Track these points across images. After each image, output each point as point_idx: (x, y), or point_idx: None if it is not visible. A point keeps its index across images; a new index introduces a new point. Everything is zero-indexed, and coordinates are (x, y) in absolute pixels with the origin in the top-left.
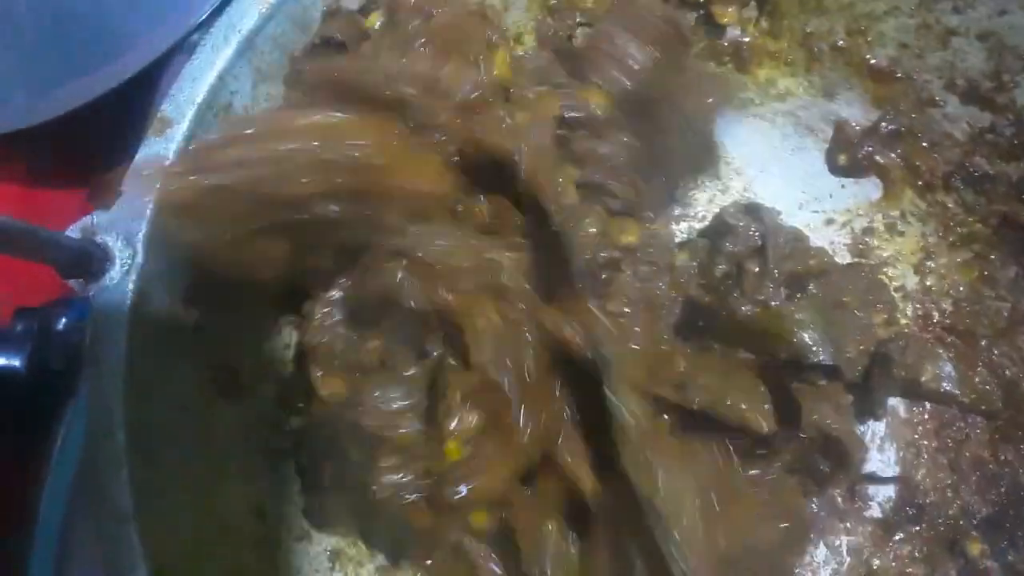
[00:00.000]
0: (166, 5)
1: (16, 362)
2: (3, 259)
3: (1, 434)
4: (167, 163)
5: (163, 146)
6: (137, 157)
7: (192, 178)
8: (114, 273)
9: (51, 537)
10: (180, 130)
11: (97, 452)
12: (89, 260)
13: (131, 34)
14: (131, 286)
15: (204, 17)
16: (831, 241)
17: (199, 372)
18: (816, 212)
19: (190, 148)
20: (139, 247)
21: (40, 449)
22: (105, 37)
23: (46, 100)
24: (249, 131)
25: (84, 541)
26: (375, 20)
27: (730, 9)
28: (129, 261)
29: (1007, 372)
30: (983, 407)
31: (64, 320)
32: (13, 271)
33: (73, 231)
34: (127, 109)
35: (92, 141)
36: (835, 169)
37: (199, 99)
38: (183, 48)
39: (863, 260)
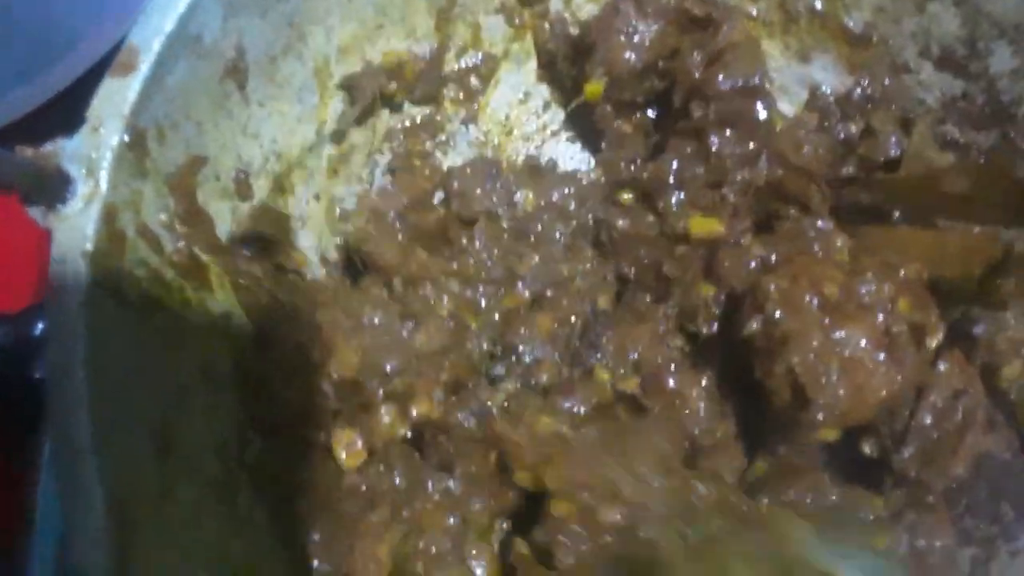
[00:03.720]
0: (104, 5)
1: None
2: None
3: None
4: None
5: (128, 80)
6: (103, 86)
7: None
8: (75, 203)
9: (49, 545)
10: (147, 60)
11: (56, 389)
12: (51, 187)
13: (74, 37)
14: (93, 218)
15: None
16: None
17: (167, 309)
18: None
19: None
20: (103, 177)
21: (27, 459)
22: (49, 42)
23: None
24: None
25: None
26: None
27: None
28: (92, 192)
29: None
30: None
31: (41, 326)
32: None
33: (36, 155)
34: (80, 112)
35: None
36: None
37: (168, 29)
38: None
39: None
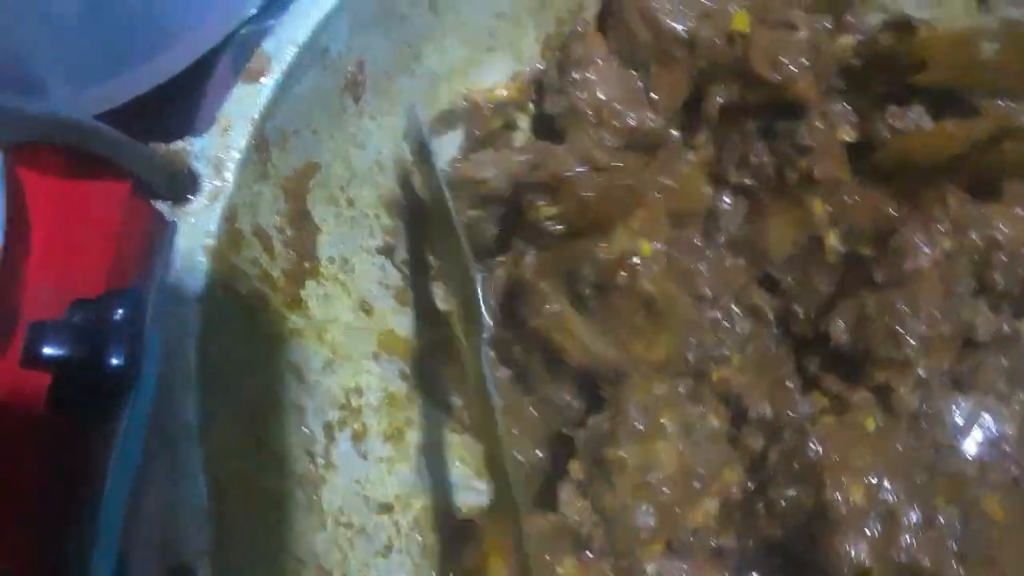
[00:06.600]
0: (210, 1)
1: (76, 354)
2: (49, 249)
3: (62, 429)
4: None
5: (259, 86)
6: (234, 90)
7: None
8: (201, 200)
9: (116, 523)
10: (279, 68)
11: (170, 369)
12: (180, 183)
13: (177, 29)
14: (217, 216)
15: (253, 12)
16: None
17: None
18: None
19: None
20: (229, 178)
21: (98, 445)
22: (150, 31)
23: (88, 95)
24: None
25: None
26: None
27: None
28: (217, 190)
29: None
30: None
31: (120, 311)
32: (58, 262)
33: (168, 152)
34: (171, 105)
35: (136, 135)
36: None
37: (301, 40)
38: (231, 44)
39: None
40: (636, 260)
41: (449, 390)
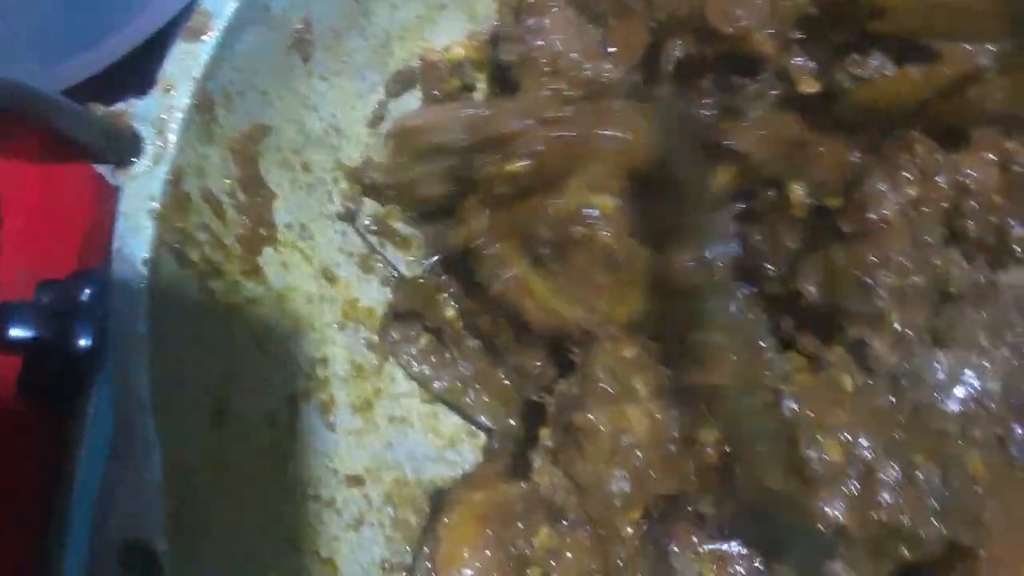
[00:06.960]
0: None
1: (45, 335)
2: (21, 232)
3: (34, 410)
4: None
5: (200, 44)
6: (175, 49)
7: None
8: (144, 162)
9: (87, 515)
10: (219, 26)
11: (120, 341)
12: (122, 146)
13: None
14: (160, 178)
15: None
16: None
17: (227, 276)
18: None
19: None
20: (172, 139)
21: (71, 425)
22: (118, 4)
23: (57, 70)
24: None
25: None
26: None
27: None
28: (160, 152)
29: None
30: None
31: (88, 292)
32: (30, 244)
33: (109, 113)
34: (140, 82)
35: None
36: None
37: None
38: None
39: None
40: (591, 212)
41: (419, 359)
